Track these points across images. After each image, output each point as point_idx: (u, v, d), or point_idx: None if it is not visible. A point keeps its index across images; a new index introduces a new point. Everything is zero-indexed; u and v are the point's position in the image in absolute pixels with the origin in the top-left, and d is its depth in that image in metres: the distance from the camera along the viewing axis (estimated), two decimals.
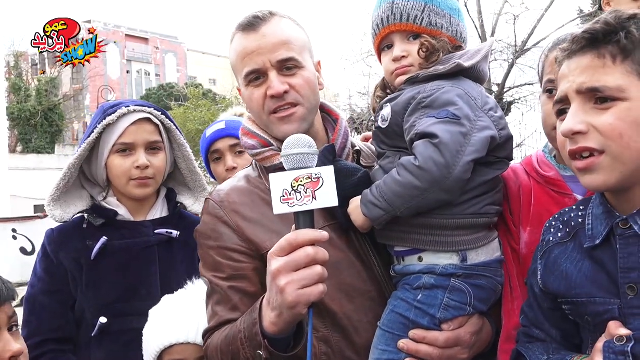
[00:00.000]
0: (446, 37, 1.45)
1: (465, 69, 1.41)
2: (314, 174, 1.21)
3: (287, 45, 1.50)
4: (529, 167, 1.57)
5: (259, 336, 1.28)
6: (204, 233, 1.57)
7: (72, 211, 1.96)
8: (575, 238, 1.24)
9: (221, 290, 1.48)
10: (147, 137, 1.92)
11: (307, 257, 1.20)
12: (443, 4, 1.45)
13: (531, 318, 1.34)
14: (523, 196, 1.54)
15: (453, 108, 1.32)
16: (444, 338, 1.36)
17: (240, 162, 2.43)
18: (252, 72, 1.51)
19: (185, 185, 2.12)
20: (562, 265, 1.23)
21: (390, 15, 1.45)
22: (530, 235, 1.48)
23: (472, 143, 1.29)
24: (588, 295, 1.17)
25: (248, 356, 1.31)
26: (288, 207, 1.21)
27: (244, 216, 1.52)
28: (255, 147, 1.59)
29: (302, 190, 1.20)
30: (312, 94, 1.54)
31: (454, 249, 1.38)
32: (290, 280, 1.20)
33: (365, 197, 1.38)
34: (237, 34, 1.56)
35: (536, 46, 14.96)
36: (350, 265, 1.47)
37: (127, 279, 1.89)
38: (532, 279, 1.32)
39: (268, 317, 1.28)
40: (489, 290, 1.43)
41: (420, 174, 1.28)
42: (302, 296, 1.20)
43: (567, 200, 1.45)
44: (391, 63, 1.49)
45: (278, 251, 1.23)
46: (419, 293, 1.38)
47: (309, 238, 1.21)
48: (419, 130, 1.32)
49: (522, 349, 1.32)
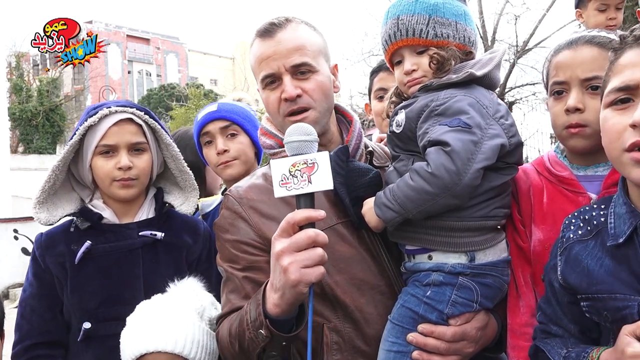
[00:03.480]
0: (454, 46, 1.47)
1: (478, 77, 1.44)
2: (309, 159, 1.29)
3: (301, 50, 1.56)
4: (540, 167, 1.60)
5: (261, 316, 1.34)
6: (222, 226, 1.63)
7: (59, 214, 1.93)
8: (597, 236, 1.25)
9: (236, 279, 1.55)
10: (129, 138, 1.88)
11: (308, 239, 1.27)
12: (447, 13, 1.47)
13: (549, 314, 1.35)
14: (534, 196, 1.56)
15: (465, 117, 1.36)
16: (451, 332, 1.41)
17: (232, 145, 2.32)
18: (268, 76, 1.58)
19: (177, 184, 2.09)
20: (583, 261, 1.24)
21: (396, 32, 1.48)
22: (544, 232, 1.51)
23: (483, 151, 1.34)
24: (609, 291, 1.17)
25: (252, 336, 1.37)
26: (286, 191, 1.29)
27: (261, 213, 1.58)
28: (273, 147, 1.67)
29: (298, 175, 1.28)
30: (324, 98, 1.59)
31: (462, 249, 1.43)
32: (293, 260, 1.26)
33: (378, 200, 1.44)
34: (256, 40, 1.62)
35: (537, 46, 14.98)
36: (361, 260, 1.53)
37: (110, 283, 1.86)
38: (552, 275, 1.33)
39: (271, 299, 1.33)
40: (495, 289, 1.48)
41: (432, 179, 1.33)
42: (304, 275, 1.26)
43: (581, 199, 1.47)
44: (403, 76, 1.52)
45: (280, 233, 1.31)
46: (428, 289, 1.44)
47: (306, 215, 1.28)
48: (431, 138, 1.36)
49: (540, 344, 1.34)
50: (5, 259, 10.49)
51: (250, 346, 1.39)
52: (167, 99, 31.89)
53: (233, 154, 2.32)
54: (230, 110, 2.37)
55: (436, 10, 1.45)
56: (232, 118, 2.35)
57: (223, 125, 2.34)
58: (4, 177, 13.71)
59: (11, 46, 31.35)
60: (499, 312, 1.54)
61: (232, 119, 2.35)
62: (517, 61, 14.81)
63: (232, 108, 2.39)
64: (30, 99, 31.81)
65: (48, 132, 31.55)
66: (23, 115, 30.70)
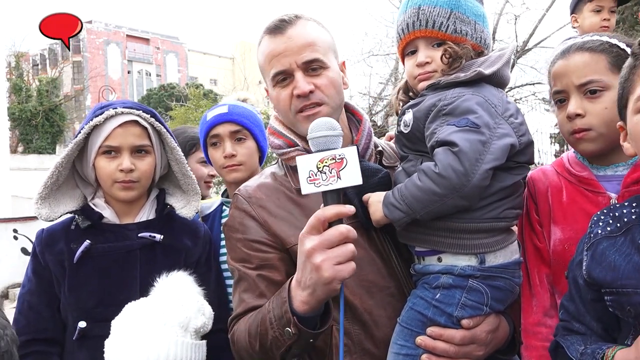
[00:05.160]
0: (470, 44, 1.46)
1: (487, 76, 1.42)
2: (337, 154, 1.25)
3: (312, 46, 1.55)
4: (560, 168, 1.61)
5: (288, 313, 1.32)
6: (231, 226, 1.62)
7: (60, 210, 1.91)
8: (627, 233, 1.25)
9: (249, 278, 1.53)
10: (132, 141, 1.87)
11: (340, 235, 1.25)
12: (469, 11, 1.46)
13: (572, 311, 1.34)
14: (552, 196, 1.57)
15: (473, 116, 1.34)
16: (460, 336, 1.40)
17: (240, 150, 2.31)
18: (279, 73, 1.56)
19: (180, 187, 2.08)
20: (610, 257, 1.24)
21: (415, 21, 1.46)
22: (564, 232, 1.52)
23: (491, 151, 1.32)
24: (635, 286, 1.17)
25: (276, 334, 1.35)
26: (315, 187, 1.26)
27: (270, 211, 1.57)
28: (282, 147, 1.65)
29: (327, 171, 1.25)
30: (336, 94, 1.59)
31: (472, 251, 1.41)
32: (326, 257, 1.24)
33: (387, 199, 1.42)
34: (265, 37, 1.60)
35: (537, 46, 14.98)
36: (371, 262, 1.52)
37: (108, 283, 1.85)
38: (577, 271, 1.31)
39: (299, 297, 1.31)
40: (506, 291, 1.46)
41: (440, 180, 1.31)
42: (339, 272, 1.24)
43: (601, 199, 1.48)
44: (414, 68, 1.50)
45: (309, 229, 1.27)
46: (438, 292, 1.42)
47: (336, 211, 1.25)
48: (439, 138, 1.35)
49: (560, 340, 1.33)
50: (5, 259, 10.47)
51: (273, 345, 1.37)
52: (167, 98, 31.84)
53: (240, 158, 2.30)
54: (241, 114, 2.35)
55: (458, 6, 1.44)
56: (242, 122, 2.33)
57: (233, 130, 2.32)
58: (3, 177, 13.69)
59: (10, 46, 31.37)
60: (513, 314, 1.53)
61: (243, 123, 2.33)
62: (516, 61, 14.81)
63: (242, 112, 2.37)
64: (30, 99, 31.82)
65: (47, 132, 31.56)
66: (22, 115, 30.72)
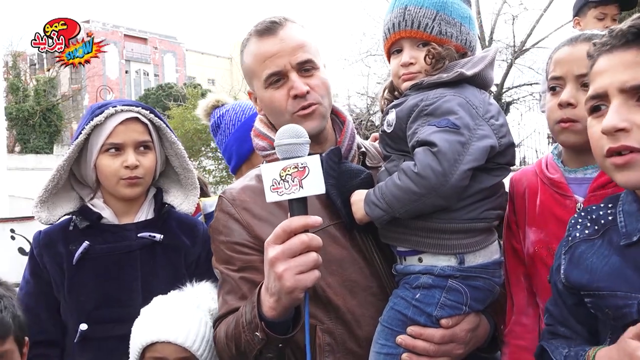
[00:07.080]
0: (453, 46, 1.47)
1: (468, 77, 1.42)
2: (300, 163, 1.25)
3: (304, 47, 1.56)
4: (538, 169, 1.61)
5: (256, 318, 1.33)
6: (216, 228, 1.63)
7: (58, 213, 1.92)
8: (605, 235, 1.24)
9: (232, 280, 1.55)
10: (135, 137, 1.88)
11: (302, 244, 1.25)
12: (455, 13, 1.47)
13: (556, 316, 1.34)
14: (529, 197, 1.58)
15: (453, 117, 1.35)
16: (439, 335, 1.41)
17: None
18: (273, 74, 1.56)
19: (177, 182, 2.08)
20: (588, 259, 1.23)
21: (401, 21, 1.47)
22: (535, 234, 1.53)
23: (470, 152, 1.32)
24: (610, 289, 1.17)
25: (247, 339, 1.37)
26: (277, 196, 1.26)
27: (253, 214, 1.57)
28: (266, 149, 1.65)
29: (289, 179, 1.25)
30: (327, 94, 1.61)
31: (452, 251, 1.42)
32: (288, 267, 1.24)
33: (368, 197, 1.44)
34: (253, 39, 1.60)
35: (535, 46, 15.00)
36: (353, 262, 1.53)
37: (108, 284, 1.85)
38: (556, 276, 1.32)
39: (267, 303, 1.32)
40: (485, 291, 1.47)
41: (418, 180, 1.32)
42: (300, 281, 1.25)
43: (568, 202, 1.48)
44: (399, 67, 1.51)
45: (274, 239, 1.28)
46: (418, 292, 1.43)
47: (302, 223, 1.26)
48: (419, 138, 1.36)
49: (545, 344, 1.34)
50: (2, 259, 10.45)
51: (246, 348, 1.39)
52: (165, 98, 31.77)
53: None
54: None
55: (444, 7, 1.45)
56: None
57: None
58: (0, 177, 13.68)
59: (8, 45, 31.30)
60: (497, 313, 1.54)
61: None
62: (514, 61, 14.83)
63: None
64: (27, 99, 31.75)
65: (45, 131, 31.49)
66: (20, 115, 30.64)
